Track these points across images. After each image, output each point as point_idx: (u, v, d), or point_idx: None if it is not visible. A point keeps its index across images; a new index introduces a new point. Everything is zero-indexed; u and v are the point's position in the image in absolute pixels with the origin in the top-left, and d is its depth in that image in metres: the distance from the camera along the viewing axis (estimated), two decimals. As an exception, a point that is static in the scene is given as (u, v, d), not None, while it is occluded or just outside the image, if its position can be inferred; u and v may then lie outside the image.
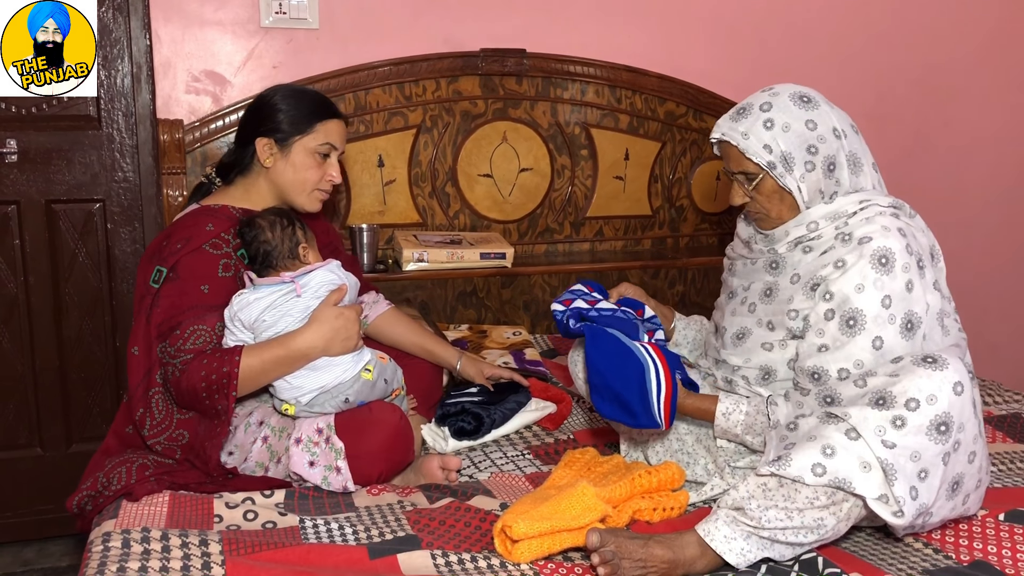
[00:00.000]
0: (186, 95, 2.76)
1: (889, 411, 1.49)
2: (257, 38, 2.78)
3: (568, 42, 3.02)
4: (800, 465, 1.50)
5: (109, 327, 2.82)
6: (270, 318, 1.87)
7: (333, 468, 1.85)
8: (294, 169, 2.01)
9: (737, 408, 1.77)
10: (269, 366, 1.85)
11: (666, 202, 3.23)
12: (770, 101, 1.77)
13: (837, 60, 3.32)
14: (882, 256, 1.66)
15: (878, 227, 1.69)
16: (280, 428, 1.93)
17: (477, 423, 2.13)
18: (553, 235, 3.13)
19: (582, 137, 3.09)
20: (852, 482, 1.48)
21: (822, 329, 1.70)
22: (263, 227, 1.94)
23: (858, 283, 1.66)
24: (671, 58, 3.13)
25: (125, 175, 2.73)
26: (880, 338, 1.65)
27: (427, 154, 2.95)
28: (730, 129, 1.79)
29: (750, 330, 1.86)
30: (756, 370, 1.84)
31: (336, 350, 1.88)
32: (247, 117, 2.06)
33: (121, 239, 2.77)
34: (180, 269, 1.90)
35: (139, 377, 1.90)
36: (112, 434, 2.00)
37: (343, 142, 2.06)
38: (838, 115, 1.79)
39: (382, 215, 2.93)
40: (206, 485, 1.85)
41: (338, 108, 2.07)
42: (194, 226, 1.96)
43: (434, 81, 2.91)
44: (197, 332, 1.87)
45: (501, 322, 2.96)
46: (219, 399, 1.83)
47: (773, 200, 1.80)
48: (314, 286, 1.91)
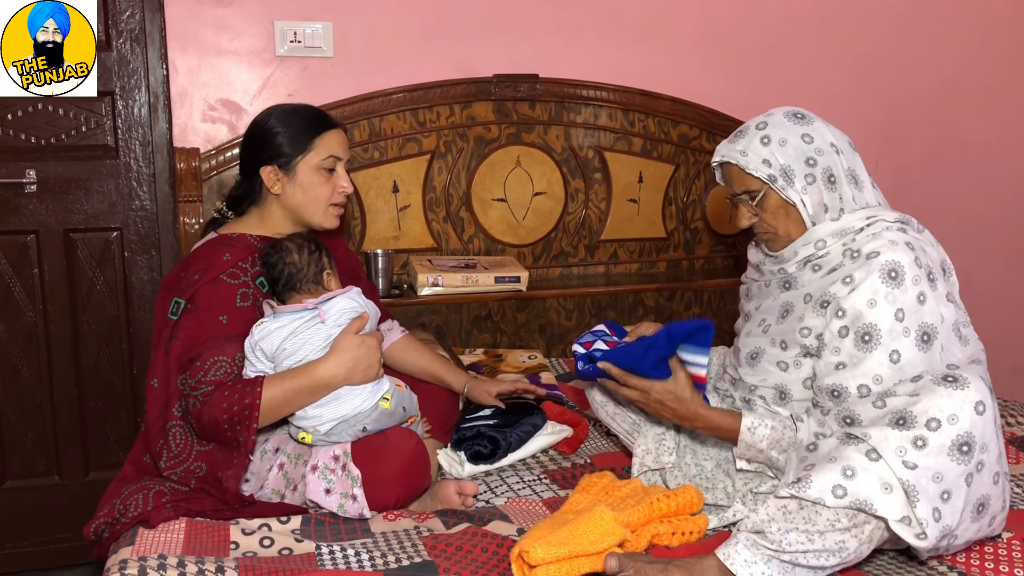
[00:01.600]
0: (202, 124, 2.79)
1: (910, 431, 1.48)
2: (272, 67, 2.81)
3: (580, 66, 3.04)
4: (820, 487, 1.49)
5: (126, 355, 2.83)
6: (291, 346, 1.87)
7: (349, 496, 1.84)
8: (304, 190, 2.01)
9: (763, 423, 1.75)
10: (291, 396, 1.84)
11: (680, 224, 3.22)
12: (765, 120, 1.81)
13: (851, 80, 3.32)
14: (891, 270, 1.66)
15: (885, 241, 1.69)
16: (296, 455, 1.92)
17: (493, 446, 2.12)
18: (568, 258, 3.13)
19: (595, 160, 3.10)
20: (873, 504, 1.46)
21: (837, 347, 1.69)
22: (290, 249, 1.94)
23: (869, 298, 1.66)
24: (684, 81, 3.15)
25: (142, 203, 2.76)
26: (897, 351, 1.64)
27: (441, 179, 2.96)
28: (728, 150, 1.82)
29: (763, 349, 1.85)
30: (772, 390, 1.83)
31: (358, 379, 1.87)
32: (246, 147, 2.06)
33: (138, 267, 2.79)
34: (198, 300, 1.90)
35: (158, 410, 1.90)
36: (129, 463, 2.00)
37: (346, 150, 2.06)
38: (834, 132, 1.81)
39: (397, 240, 2.94)
40: (222, 512, 1.85)
41: (332, 117, 2.07)
42: (211, 256, 1.96)
43: (448, 107, 2.92)
44: (217, 363, 1.86)
45: (516, 346, 2.96)
46: (240, 431, 1.83)
47: (779, 216, 1.80)
48: (335, 313, 1.90)
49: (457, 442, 2.14)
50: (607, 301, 3.02)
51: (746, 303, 2.00)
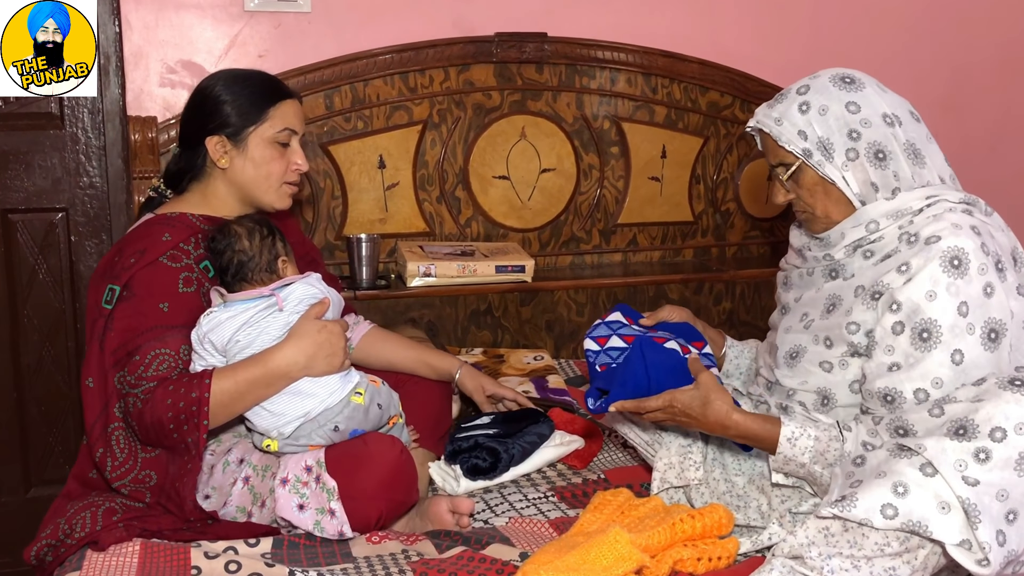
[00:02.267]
0: (160, 89, 2.80)
1: (971, 442, 1.48)
2: (241, 23, 2.82)
3: (595, 24, 3.04)
4: (868, 506, 1.49)
5: (72, 354, 2.84)
6: (245, 337, 1.89)
7: (326, 511, 1.85)
8: (254, 165, 2.03)
9: (804, 432, 1.74)
10: (244, 388, 1.86)
11: (710, 206, 3.23)
12: (808, 84, 1.82)
13: (904, 40, 3.33)
14: (954, 257, 1.66)
15: (948, 225, 1.69)
16: (263, 467, 1.93)
17: (493, 459, 2.12)
18: (579, 245, 3.14)
19: (612, 132, 3.10)
20: (928, 525, 1.47)
21: (891, 345, 1.69)
22: (240, 235, 1.96)
23: (928, 290, 1.66)
24: (714, 41, 3.15)
25: (91, 180, 2.76)
26: (960, 351, 1.64)
27: (434, 153, 2.97)
28: (764, 116, 1.84)
29: (805, 348, 1.85)
30: (813, 394, 1.84)
31: (320, 368, 1.89)
32: (189, 115, 2.08)
33: (86, 253, 2.80)
34: (135, 286, 1.91)
35: (96, 412, 1.91)
36: (73, 478, 2.01)
37: (302, 124, 2.10)
38: (891, 100, 1.81)
39: (383, 223, 2.95)
40: (182, 532, 1.86)
41: (287, 86, 2.10)
42: (148, 236, 1.97)
43: (442, 70, 2.93)
44: (159, 357, 1.88)
45: (520, 345, 2.97)
46: (188, 431, 1.84)
47: (816, 194, 1.81)
48: (293, 300, 1.93)
49: (452, 454, 2.15)
50: (624, 294, 3.03)
51: (784, 293, 2.00)
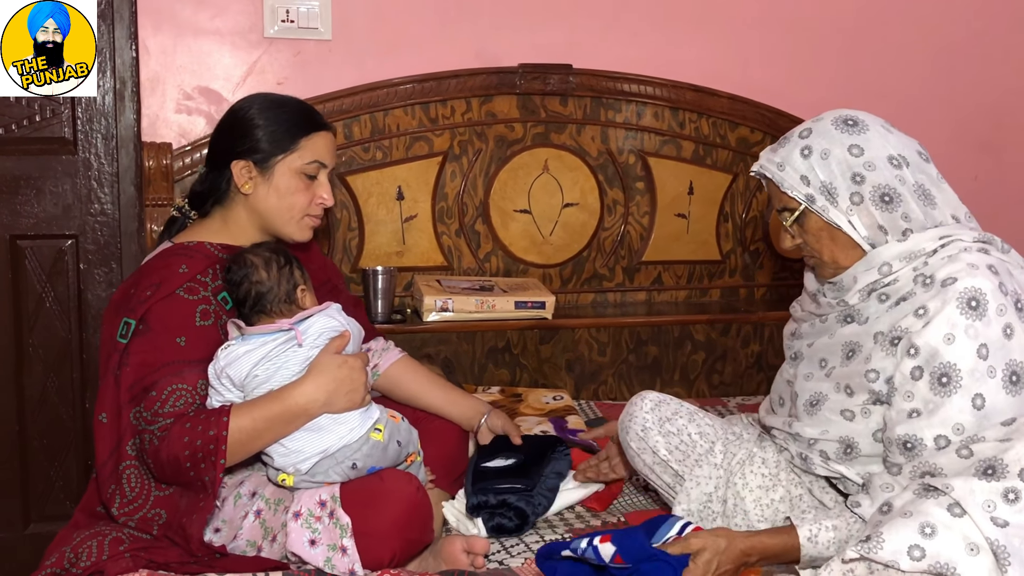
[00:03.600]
0: (176, 115, 2.87)
1: (1000, 482, 1.51)
2: (260, 50, 2.90)
3: (622, 56, 3.11)
4: (894, 547, 1.52)
5: (78, 385, 2.87)
6: (264, 373, 1.93)
7: (338, 548, 1.88)
8: (278, 195, 2.06)
9: (821, 527, 1.77)
10: (263, 426, 1.89)
11: (738, 245, 3.27)
12: (810, 127, 1.86)
13: (941, 75, 3.37)
14: (971, 298, 1.69)
15: (964, 265, 1.72)
16: (276, 500, 1.97)
17: (520, 520, 2.14)
18: (602, 282, 3.19)
19: (638, 167, 3.15)
20: (957, 567, 1.49)
21: (910, 391, 1.72)
22: (256, 265, 1.98)
23: (947, 333, 1.69)
24: (744, 75, 3.21)
25: (103, 207, 2.81)
26: (981, 395, 1.67)
27: (454, 186, 3.03)
28: (767, 161, 1.88)
29: (825, 396, 1.87)
30: (835, 443, 1.85)
31: (340, 405, 1.93)
32: (219, 136, 2.13)
33: (95, 282, 2.84)
34: (151, 320, 1.95)
35: (108, 449, 1.95)
36: (81, 511, 2.05)
37: (333, 157, 2.13)
38: (897, 141, 1.84)
39: (400, 256, 3.01)
40: (190, 565, 1.89)
41: (323, 117, 2.14)
42: (165, 268, 2.01)
43: (464, 101, 3.00)
44: (176, 392, 1.91)
45: (539, 384, 3.00)
46: (205, 469, 1.87)
47: (823, 240, 1.85)
48: (314, 334, 1.96)
49: (475, 508, 2.15)
50: (648, 334, 3.07)
51: (794, 342, 2.03)
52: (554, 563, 1.81)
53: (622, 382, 3.06)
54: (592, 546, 1.76)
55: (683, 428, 2.07)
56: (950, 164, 3.30)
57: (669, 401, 2.12)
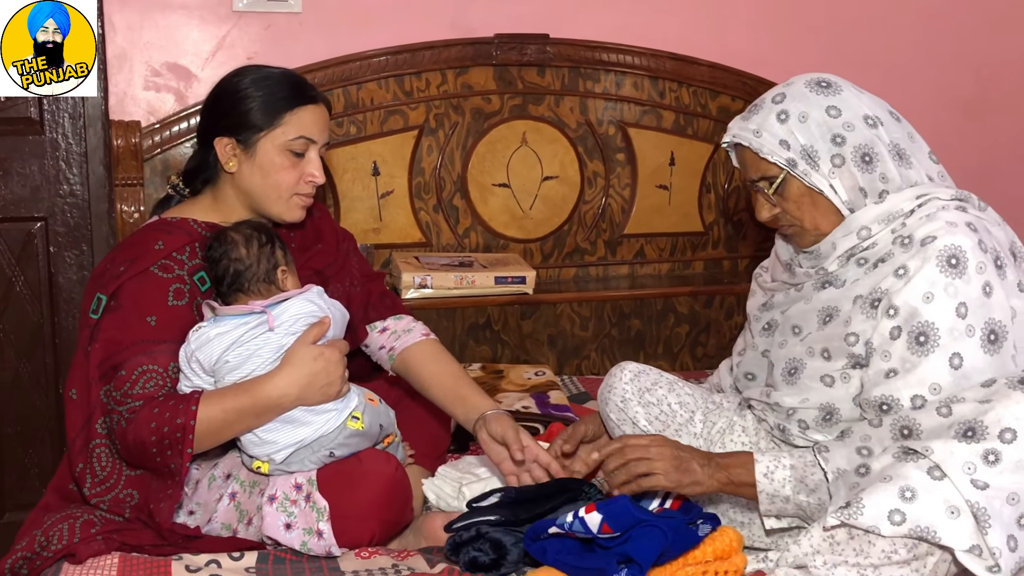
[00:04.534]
0: (144, 92, 2.86)
1: (980, 444, 1.52)
2: (229, 24, 2.88)
3: (600, 25, 3.10)
4: (874, 512, 1.53)
5: (51, 370, 2.88)
6: (235, 358, 1.91)
7: (314, 532, 1.89)
8: (263, 173, 2.03)
9: (779, 464, 1.78)
10: (232, 418, 1.88)
11: (721, 216, 3.28)
12: (783, 92, 1.86)
13: (925, 40, 3.37)
14: (951, 256, 1.70)
15: (942, 223, 1.73)
16: (251, 482, 1.97)
17: (497, 555, 1.84)
18: (584, 256, 3.19)
19: (618, 138, 3.16)
20: (937, 531, 1.50)
21: (888, 351, 1.72)
22: (236, 242, 1.97)
23: (926, 291, 1.69)
24: (725, 43, 3.21)
25: (72, 188, 2.81)
26: (958, 355, 1.67)
27: (431, 160, 3.03)
28: (741, 129, 1.86)
29: (803, 362, 1.87)
30: (815, 410, 1.85)
31: (314, 398, 1.91)
32: (206, 111, 2.10)
33: (66, 265, 2.84)
34: (122, 296, 1.94)
35: (78, 426, 1.94)
36: (52, 490, 2.04)
37: (324, 132, 2.07)
38: (869, 100, 1.85)
39: (377, 233, 3.01)
40: (163, 547, 1.89)
41: (314, 89, 2.08)
42: (141, 244, 2.00)
43: (439, 73, 2.99)
44: (147, 374, 1.91)
45: (521, 360, 3.01)
46: (172, 456, 1.87)
47: (804, 206, 1.84)
48: (288, 319, 1.93)
49: (453, 547, 1.88)
50: (631, 307, 3.08)
51: (763, 313, 2.02)
52: (543, 543, 1.80)
53: (605, 356, 3.07)
54: (578, 518, 1.75)
55: (663, 398, 2.08)
56: (935, 129, 3.32)
57: (649, 371, 2.12)
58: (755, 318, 2.06)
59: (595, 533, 1.74)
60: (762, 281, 2.08)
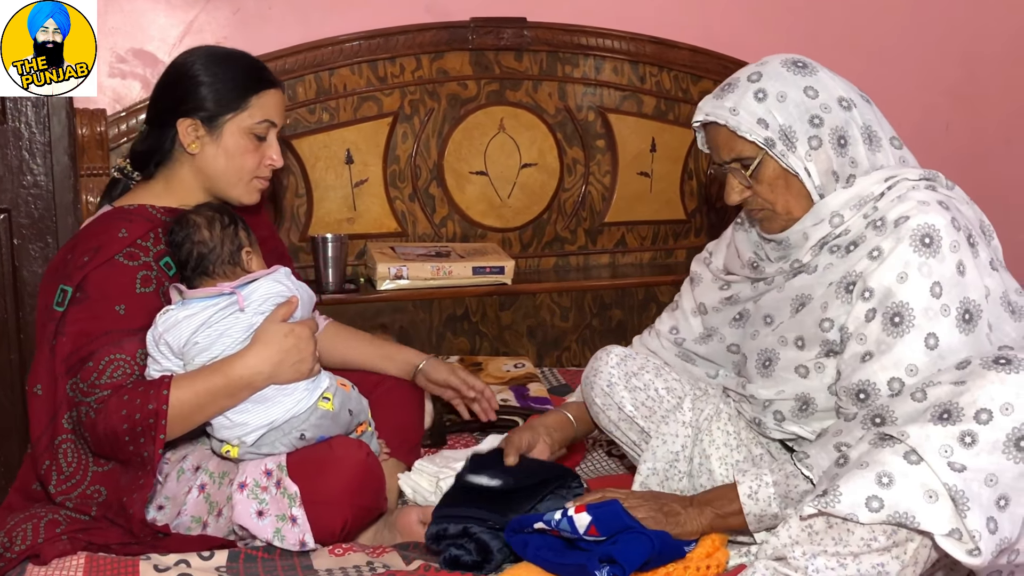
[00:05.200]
0: (110, 79, 2.86)
1: (956, 426, 1.53)
2: (197, 8, 2.88)
3: (578, 8, 3.11)
4: (852, 500, 1.54)
5: (16, 367, 2.86)
6: (204, 340, 1.92)
7: (287, 518, 1.89)
8: (227, 155, 2.06)
9: (761, 482, 1.79)
10: (205, 400, 1.89)
11: (703, 203, 3.29)
12: (759, 71, 1.86)
13: (912, 24, 3.39)
14: (925, 235, 1.71)
15: (914, 203, 1.74)
16: (220, 473, 1.98)
17: (482, 557, 1.83)
18: (564, 245, 3.20)
19: (598, 124, 3.16)
20: (916, 516, 1.51)
21: (863, 334, 1.74)
22: (198, 225, 1.98)
23: (900, 271, 1.71)
24: (706, 26, 3.22)
25: (35, 179, 2.80)
26: (934, 335, 1.69)
27: (406, 148, 3.03)
28: (715, 108, 1.86)
29: (776, 352, 1.88)
30: (792, 401, 1.86)
31: (286, 376, 1.93)
32: (161, 92, 2.12)
33: (30, 257, 2.83)
34: (88, 287, 1.94)
35: (44, 423, 1.95)
36: (15, 491, 2.04)
37: (283, 116, 2.13)
38: (841, 83, 1.86)
39: (351, 223, 3.01)
40: (130, 546, 1.89)
41: (272, 74, 2.14)
42: (104, 233, 2.01)
43: (414, 58, 2.99)
44: (114, 363, 1.91)
45: (500, 352, 3.02)
46: (144, 444, 1.87)
47: (777, 189, 1.85)
48: (258, 299, 1.95)
49: (434, 538, 1.87)
50: (612, 297, 3.09)
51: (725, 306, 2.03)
52: (524, 536, 1.80)
53: (586, 347, 3.07)
54: (566, 516, 1.75)
55: (650, 383, 2.08)
56: (922, 114, 3.36)
57: (635, 356, 2.13)
58: (715, 310, 2.07)
59: (581, 534, 1.74)
60: (714, 268, 2.08)
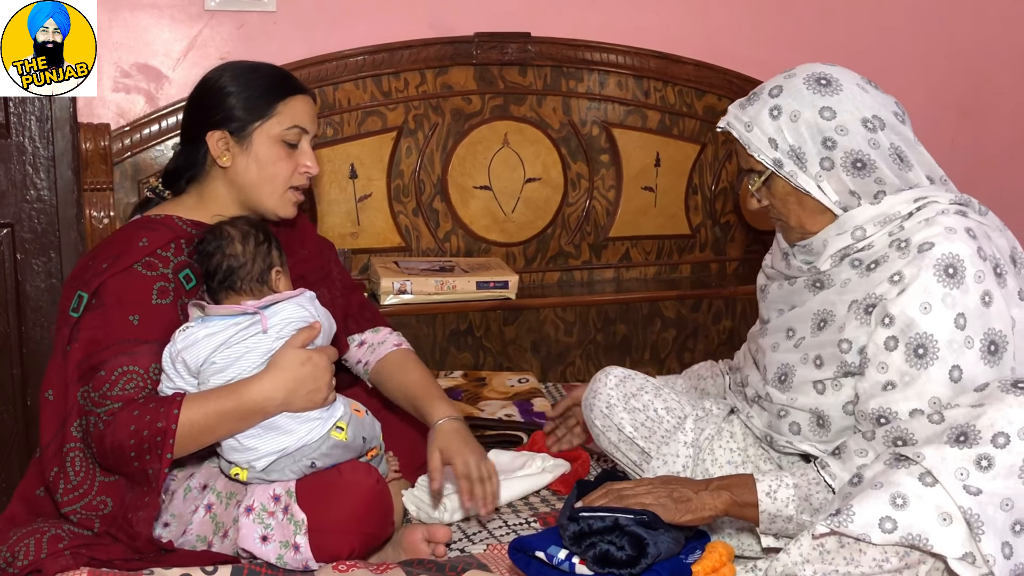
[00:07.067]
0: (114, 94, 2.85)
1: (972, 449, 1.52)
2: (201, 23, 2.88)
3: (583, 23, 3.10)
4: (865, 520, 1.53)
5: (19, 382, 2.86)
6: (222, 360, 1.90)
7: (290, 545, 1.88)
8: (259, 164, 2.04)
9: (781, 483, 1.77)
10: (215, 421, 1.88)
11: (708, 218, 3.28)
12: (781, 84, 1.85)
13: (917, 39, 3.39)
14: (948, 265, 1.69)
15: (940, 229, 1.72)
16: (228, 494, 1.96)
17: (635, 551, 1.71)
18: (568, 260, 3.19)
19: (602, 139, 3.16)
20: (929, 538, 1.50)
21: (884, 363, 1.72)
22: (232, 237, 1.95)
23: (923, 301, 1.69)
24: (710, 41, 3.21)
25: (39, 193, 2.80)
26: (958, 367, 1.67)
27: (410, 162, 3.02)
28: (735, 119, 1.88)
29: (793, 368, 1.88)
30: (807, 413, 1.86)
31: (300, 404, 1.90)
32: (191, 108, 2.10)
33: (34, 272, 2.83)
34: (105, 294, 1.93)
35: (53, 429, 1.93)
36: (18, 498, 2.02)
37: (314, 123, 2.10)
38: (873, 100, 1.81)
39: (355, 238, 3.00)
40: (133, 562, 1.88)
41: (300, 81, 2.11)
42: (125, 241, 2.00)
43: (418, 73, 2.99)
44: (127, 375, 1.90)
45: (503, 367, 3.01)
46: (151, 461, 1.86)
47: (789, 204, 1.85)
48: (279, 323, 1.92)
49: (577, 536, 1.75)
50: (616, 312, 3.08)
51: (764, 307, 2.04)
52: (527, 558, 1.79)
53: (590, 363, 3.06)
54: (570, 562, 1.73)
55: (649, 404, 2.08)
56: (927, 128, 3.32)
57: (634, 376, 2.12)
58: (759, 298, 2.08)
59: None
60: (765, 262, 2.09)
